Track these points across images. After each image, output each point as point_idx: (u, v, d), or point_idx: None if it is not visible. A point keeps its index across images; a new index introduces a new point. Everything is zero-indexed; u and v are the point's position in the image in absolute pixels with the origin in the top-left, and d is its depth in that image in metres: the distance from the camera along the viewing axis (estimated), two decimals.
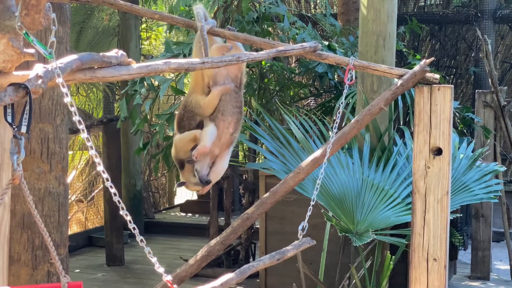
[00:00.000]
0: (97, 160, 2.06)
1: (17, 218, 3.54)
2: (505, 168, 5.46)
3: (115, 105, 10.61)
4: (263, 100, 7.47)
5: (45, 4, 2.02)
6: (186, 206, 11.37)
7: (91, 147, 2.05)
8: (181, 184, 3.28)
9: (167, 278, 2.21)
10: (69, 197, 8.87)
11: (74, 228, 10.11)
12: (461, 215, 6.81)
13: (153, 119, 10.11)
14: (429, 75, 2.71)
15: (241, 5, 6.66)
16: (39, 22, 2.04)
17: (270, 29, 7.34)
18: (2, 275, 2.51)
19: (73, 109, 2.02)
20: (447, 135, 2.64)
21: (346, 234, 4.36)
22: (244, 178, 8.64)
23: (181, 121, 3.21)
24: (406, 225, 4.63)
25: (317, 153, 2.93)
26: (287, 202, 5.03)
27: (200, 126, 3.18)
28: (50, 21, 2.07)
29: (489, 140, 7.17)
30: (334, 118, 2.96)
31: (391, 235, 4.63)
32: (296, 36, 6.67)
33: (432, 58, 3.02)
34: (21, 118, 1.97)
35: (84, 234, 9.66)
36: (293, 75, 7.93)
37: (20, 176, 1.99)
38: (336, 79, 7.69)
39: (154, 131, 6.73)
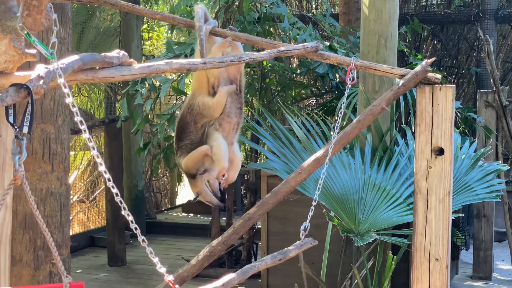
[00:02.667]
0: (99, 160, 2.06)
1: (19, 219, 3.54)
2: (508, 167, 5.45)
3: (116, 105, 10.61)
4: (265, 100, 7.47)
5: (46, 5, 2.03)
6: (188, 206, 11.36)
7: (93, 148, 2.05)
8: (196, 197, 3.25)
9: (169, 278, 2.21)
10: (71, 197, 8.89)
11: (76, 229, 10.12)
12: (463, 215, 6.81)
13: (155, 119, 10.12)
14: (430, 75, 2.71)
15: (242, 6, 6.66)
16: (41, 23, 2.04)
17: (271, 29, 7.34)
18: (4, 275, 2.51)
19: (74, 109, 2.02)
20: (449, 135, 2.63)
21: (348, 234, 4.36)
22: (246, 178, 8.64)
23: (186, 126, 3.15)
24: (408, 225, 4.63)
25: (319, 153, 2.93)
26: (289, 202, 5.03)
27: (203, 133, 3.16)
28: (52, 21, 2.07)
29: (491, 140, 7.16)
30: (336, 118, 2.96)
31: (393, 235, 4.63)
32: (297, 36, 6.67)
33: (434, 58, 3.02)
34: (23, 119, 1.97)
35: (86, 234, 9.66)
36: (294, 75, 7.93)
37: (22, 176, 1.99)
38: (338, 80, 7.69)
39: (155, 131, 6.73)
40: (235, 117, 3.12)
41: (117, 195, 2.09)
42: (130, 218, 2.12)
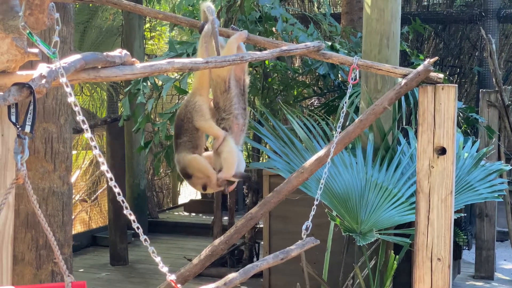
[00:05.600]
0: (101, 159, 2.06)
1: (21, 218, 3.55)
2: (510, 167, 5.44)
3: (119, 104, 10.62)
4: (267, 99, 7.47)
5: (48, 4, 2.03)
6: (190, 206, 11.37)
7: (95, 147, 2.05)
8: (205, 188, 3.25)
9: (171, 277, 2.21)
10: (73, 196, 8.90)
11: (78, 228, 10.13)
12: (465, 214, 6.80)
13: (157, 118, 10.13)
14: (433, 74, 2.70)
15: (243, 5, 6.65)
16: (43, 22, 2.04)
17: (273, 29, 7.33)
18: (6, 274, 2.52)
19: (77, 108, 2.02)
20: (451, 134, 2.63)
21: (350, 234, 4.35)
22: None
23: (182, 123, 3.11)
24: (410, 224, 4.63)
25: (321, 152, 2.92)
26: (291, 201, 5.03)
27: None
28: (54, 20, 2.07)
29: (493, 140, 7.15)
30: (338, 117, 2.96)
31: (395, 234, 4.62)
32: (299, 36, 6.66)
33: (436, 58, 3.01)
34: (25, 118, 1.97)
35: (88, 233, 9.67)
36: (296, 75, 7.93)
37: (24, 175, 1.99)
38: (340, 79, 7.68)
39: (157, 129, 6.73)
40: (241, 119, 3.13)
41: (119, 194, 2.09)
42: (132, 217, 2.12)
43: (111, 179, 2.08)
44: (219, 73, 3.04)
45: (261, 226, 6.86)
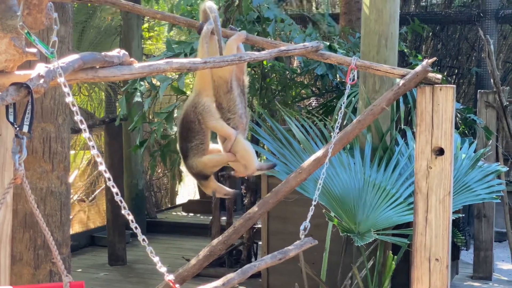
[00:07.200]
0: (99, 159, 2.06)
1: (19, 218, 3.54)
2: (508, 169, 5.45)
3: (117, 104, 10.61)
4: (265, 100, 7.47)
5: (47, 4, 2.03)
6: (188, 206, 11.36)
7: (93, 147, 2.05)
8: (214, 196, 3.27)
9: (169, 277, 2.21)
10: (71, 196, 8.89)
11: (76, 228, 10.11)
12: (463, 215, 6.80)
13: (156, 119, 10.12)
14: (431, 75, 2.71)
15: (241, 5, 6.65)
16: (41, 22, 2.04)
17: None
18: (4, 274, 2.51)
19: (75, 108, 2.02)
20: (449, 135, 2.63)
21: (348, 234, 4.36)
22: (246, 178, 8.63)
23: (191, 125, 3.07)
24: (408, 224, 4.63)
25: (319, 153, 2.93)
26: (289, 201, 5.04)
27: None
28: (52, 20, 2.07)
29: (491, 141, 7.15)
30: (336, 117, 2.96)
31: (393, 235, 4.63)
32: (296, 36, 6.65)
33: (434, 58, 3.02)
34: (23, 118, 1.97)
35: (86, 233, 9.66)
36: (295, 75, 7.93)
37: (22, 175, 1.99)
38: (338, 79, 7.69)
39: (153, 128, 6.72)
40: (245, 118, 3.14)
41: (117, 194, 2.09)
42: (130, 217, 2.12)
43: (109, 179, 2.08)
44: (221, 74, 3.03)
45: (259, 226, 6.86)
